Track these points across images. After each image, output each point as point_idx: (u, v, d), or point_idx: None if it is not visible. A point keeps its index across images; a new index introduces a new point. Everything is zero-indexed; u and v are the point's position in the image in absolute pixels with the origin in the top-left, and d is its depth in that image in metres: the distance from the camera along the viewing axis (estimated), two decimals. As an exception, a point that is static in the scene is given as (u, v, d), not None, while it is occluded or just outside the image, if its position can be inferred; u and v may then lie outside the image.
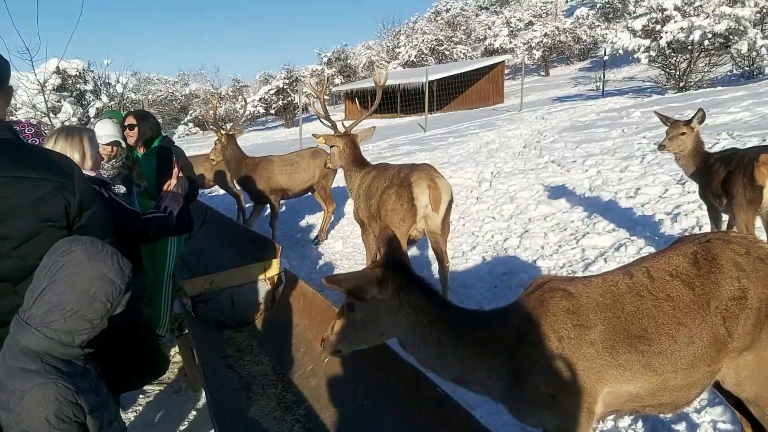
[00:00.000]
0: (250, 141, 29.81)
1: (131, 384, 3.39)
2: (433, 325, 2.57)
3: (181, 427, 4.34)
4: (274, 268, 5.58)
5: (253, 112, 43.79)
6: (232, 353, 5.09)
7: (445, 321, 2.59)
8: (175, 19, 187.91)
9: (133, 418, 4.47)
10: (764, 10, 27.70)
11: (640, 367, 2.49)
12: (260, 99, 42.97)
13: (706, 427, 3.45)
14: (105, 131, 4.37)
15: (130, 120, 5.49)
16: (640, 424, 3.57)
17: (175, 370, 5.27)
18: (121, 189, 4.03)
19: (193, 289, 5.37)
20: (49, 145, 3.18)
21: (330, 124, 6.79)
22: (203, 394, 4.40)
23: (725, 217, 5.52)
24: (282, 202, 9.36)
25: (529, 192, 9.28)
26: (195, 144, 29.94)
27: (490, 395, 2.69)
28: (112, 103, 18.00)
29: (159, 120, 6.94)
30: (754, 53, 21.32)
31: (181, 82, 59.79)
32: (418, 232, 5.86)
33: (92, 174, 3.29)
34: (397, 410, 3.54)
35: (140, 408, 4.64)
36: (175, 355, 5.42)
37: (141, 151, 5.52)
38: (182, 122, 45.14)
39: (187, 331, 4.90)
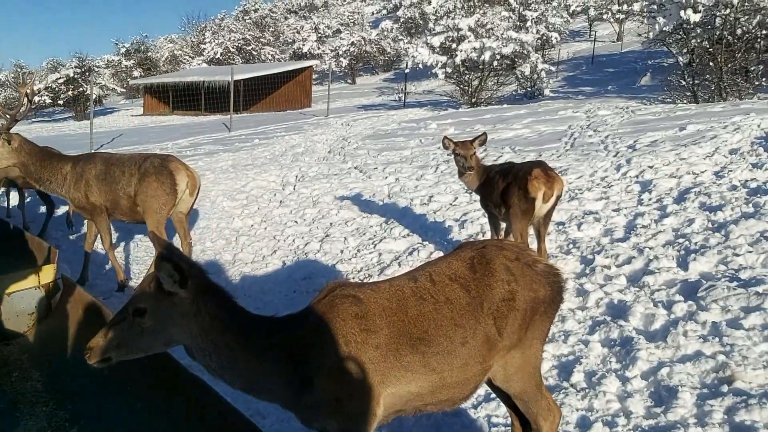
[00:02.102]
0: (34, 133, 26.97)
1: None
2: (226, 333, 2.48)
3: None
4: (49, 275, 5.05)
5: (39, 101, 39.76)
6: (-4, 370, 4.52)
7: (237, 328, 2.52)
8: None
9: None
10: (544, 37, 31.00)
11: (421, 367, 2.61)
12: (47, 88, 39.10)
13: (482, 422, 3.71)
14: None
15: None
16: (423, 421, 3.75)
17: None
18: None
19: (-49, 299, 4.70)
20: None
21: None
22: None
23: (504, 225, 6.02)
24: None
25: (331, 197, 9.43)
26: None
27: (279, 403, 2.66)
28: None
29: None
30: (536, 76, 23.72)
31: (-51, 63, 52.66)
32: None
33: None
34: (180, 424, 3.37)
35: None
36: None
37: None
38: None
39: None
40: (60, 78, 38.92)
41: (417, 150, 12.39)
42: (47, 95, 39.08)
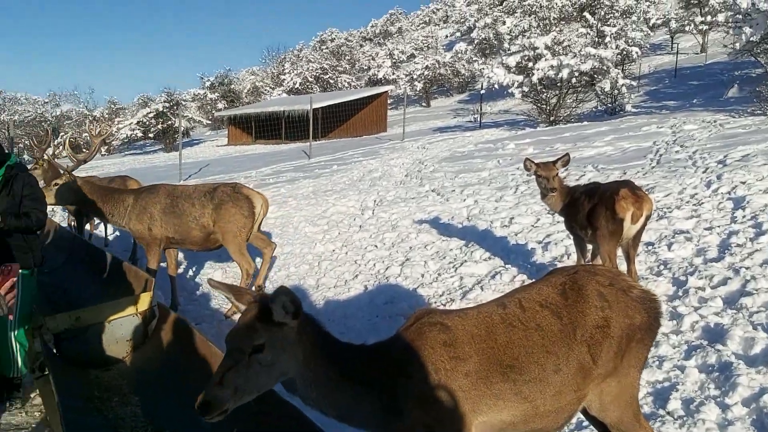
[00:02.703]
0: (127, 165, 28.51)
1: None
2: (324, 361, 2.50)
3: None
4: (146, 302, 5.30)
5: (131, 135, 42.05)
6: (99, 394, 4.76)
7: (334, 356, 2.54)
8: (46, 37, 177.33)
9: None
10: (624, 52, 30.23)
11: (513, 395, 2.57)
12: (138, 122, 41.32)
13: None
14: None
15: None
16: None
17: (36, 414, 4.86)
18: None
19: (57, 326, 4.99)
20: None
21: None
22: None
23: (590, 247, 5.87)
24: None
25: (410, 220, 9.48)
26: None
27: (372, 430, 2.67)
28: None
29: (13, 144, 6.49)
30: (616, 91, 23.12)
31: (51, 103, 56.38)
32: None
33: None
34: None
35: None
36: (35, 397, 5.00)
37: None
38: (52, 144, 42.40)
39: (47, 371, 4.53)
40: (150, 112, 41.07)
41: (495, 171, 12.29)
42: (138, 129, 41.27)
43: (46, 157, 8.43)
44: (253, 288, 7.02)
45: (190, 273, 8.67)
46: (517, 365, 2.58)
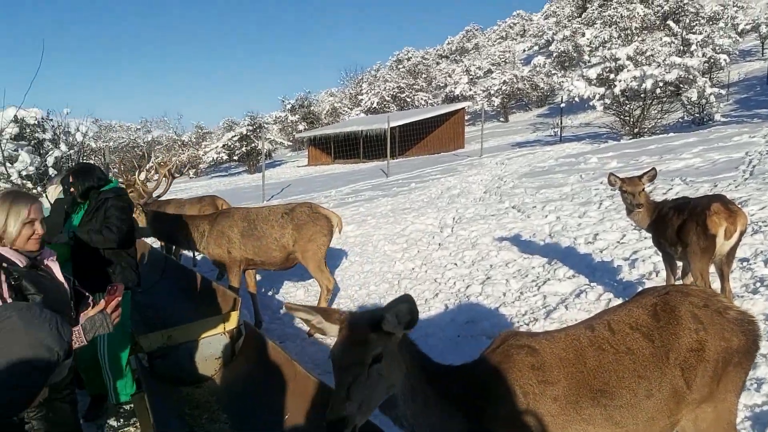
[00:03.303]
0: (213, 187, 29.60)
1: None
2: (421, 377, 2.47)
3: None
4: (233, 321, 5.46)
5: (216, 158, 43.69)
6: (189, 411, 4.92)
7: (429, 374, 2.51)
8: (138, 67, 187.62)
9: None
10: (711, 60, 29.03)
11: (603, 420, 2.49)
12: (223, 145, 42.92)
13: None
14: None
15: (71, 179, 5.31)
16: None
17: (131, 429, 5.08)
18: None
19: (150, 345, 5.22)
20: None
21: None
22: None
23: (681, 264, 5.62)
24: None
25: (490, 238, 9.36)
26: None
27: None
28: (72, 151, 17.70)
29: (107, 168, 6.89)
30: (704, 101, 22.21)
31: (143, 129, 59.44)
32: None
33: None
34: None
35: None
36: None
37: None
38: (143, 169, 44.58)
39: (142, 388, 4.73)
40: (234, 136, 42.59)
41: (577, 186, 11.99)
42: (224, 152, 42.84)
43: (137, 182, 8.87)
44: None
45: (273, 292, 8.87)
46: (607, 390, 2.49)
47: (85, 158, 17.69)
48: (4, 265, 2.56)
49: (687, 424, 2.62)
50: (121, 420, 5.12)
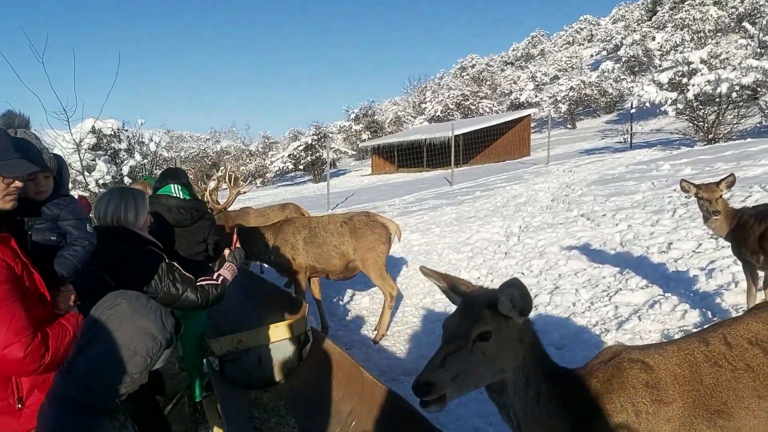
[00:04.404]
0: (279, 196, 30.18)
1: None
2: (538, 371, 2.38)
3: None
4: (301, 327, 5.53)
5: (283, 167, 44.52)
6: (258, 414, 5.01)
7: (547, 368, 2.43)
8: (208, 79, 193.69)
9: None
10: (792, 62, 27.68)
11: None
12: (289, 155, 43.72)
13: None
14: None
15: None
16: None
17: (201, 431, 5.20)
18: None
19: (221, 349, 5.34)
20: (102, 205, 3.31)
21: None
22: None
23: (762, 274, 5.36)
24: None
25: (558, 247, 9.17)
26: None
27: None
28: (145, 161, 18.43)
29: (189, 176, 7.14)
30: (784, 105, 21.21)
31: (212, 139, 61.25)
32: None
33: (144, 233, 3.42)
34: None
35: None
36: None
37: None
38: (212, 178, 45.88)
39: (213, 391, 4.85)
40: (300, 145, 43.32)
41: (650, 194, 11.62)
42: (290, 161, 43.63)
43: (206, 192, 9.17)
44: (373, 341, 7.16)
45: (339, 300, 8.95)
46: (725, 411, 2.32)
47: (157, 168, 18.37)
48: None
49: None
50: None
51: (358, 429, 4.18)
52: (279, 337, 5.47)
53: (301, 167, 44.18)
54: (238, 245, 4.06)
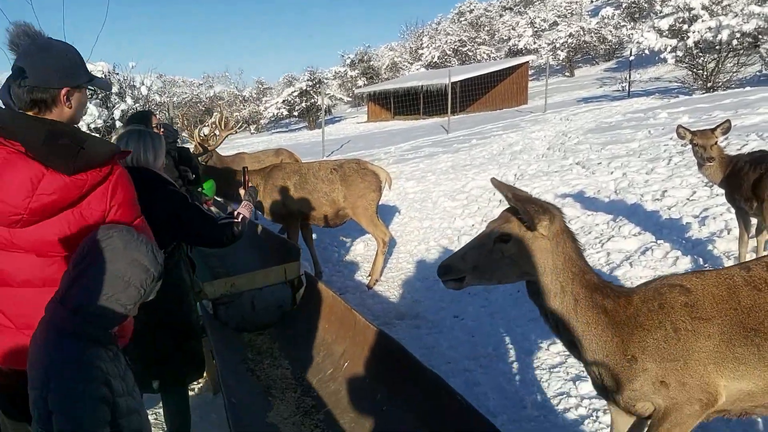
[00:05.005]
0: (273, 143, 29.94)
1: (174, 380, 3.55)
2: (575, 280, 2.56)
3: (199, 430, 4.32)
4: (295, 271, 5.56)
5: (277, 114, 44.02)
6: (251, 356, 5.08)
7: (585, 280, 2.58)
8: (200, 23, 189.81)
9: (151, 419, 4.47)
10: (795, 9, 27.19)
11: (756, 361, 2.46)
12: (283, 101, 43.17)
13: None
14: None
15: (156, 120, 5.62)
16: None
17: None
18: None
19: (214, 292, 5.37)
20: (121, 146, 3.24)
21: None
22: (222, 397, 4.39)
23: (755, 221, 5.38)
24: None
25: (552, 194, 9.17)
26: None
27: (590, 366, 2.68)
28: (137, 105, 18.19)
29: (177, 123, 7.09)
30: (784, 53, 20.90)
31: (205, 85, 60.31)
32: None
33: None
34: (418, 417, 3.49)
35: (158, 408, 4.63)
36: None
37: None
38: (205, 124, 45.44)
39: (207, 333, 4.89)
40: (294, 91, 42.72)
41: (646, 142, 11.55)
42: (284, 108, 43.13)
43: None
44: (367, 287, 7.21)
45: (334, 246, 8.97)
46: (761, 330, 2.46)
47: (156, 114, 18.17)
48: None
49: None
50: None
51: (351, 370, 4.25)
52: (272, 281, 5.50)
53: (295, 114, 43.65)
54: (251, 184, 4.14)
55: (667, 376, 2.45)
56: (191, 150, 7.47)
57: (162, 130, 5.63)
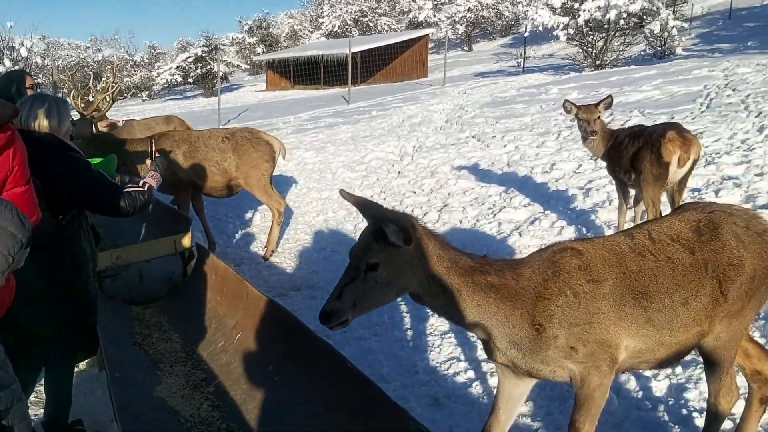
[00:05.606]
0: (167, 110, 28.71)
1: (64, 356, 3.41)
2: (450, 273, 2.54)
3: (82, 407, 4.12)
4: (186, 243, 5.37)
5: (170, 80, 42.16)
6: (139, 330, 4.89)
7: (459, 267, 2.56)
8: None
9: (31, 398, 4.21)
10: (675, -7, 28.88)
11: (644, 322, 2.61)
12: (177, 67, 41.34)
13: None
14: None
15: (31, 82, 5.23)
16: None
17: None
18: None
19: (99, 264, 5.10)
20: (24, 111, 3.12)
21: None
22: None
23: (633, 192, 5.70)
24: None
25: (449, 166, 9.35)
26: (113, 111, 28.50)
27: (499, 343, 2.65)
28: (16, 67, 16.89)
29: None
30: (666, 33, 22.15)
31: (93, 48, 56.74)
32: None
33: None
34: (310, 386, 3.49)
35: (38, 387, 4.37)
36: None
37: None
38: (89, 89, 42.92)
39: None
40: (189, 57, 40.96)
41: (537, 116, 11.99)
42: (178, 74, 41.34)
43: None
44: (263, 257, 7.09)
45: (229, 217, 8.75)
46: (647, 293, 2.60)
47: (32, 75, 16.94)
48: None
49: (710, 336, 2.76)
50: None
51: (243, 342, 4.18)
52: (162, 252, 5.30)
53: (190, 80, 41.92)
54: (158, 154, 4.06)
55: (576, 340, 2.54)
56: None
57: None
